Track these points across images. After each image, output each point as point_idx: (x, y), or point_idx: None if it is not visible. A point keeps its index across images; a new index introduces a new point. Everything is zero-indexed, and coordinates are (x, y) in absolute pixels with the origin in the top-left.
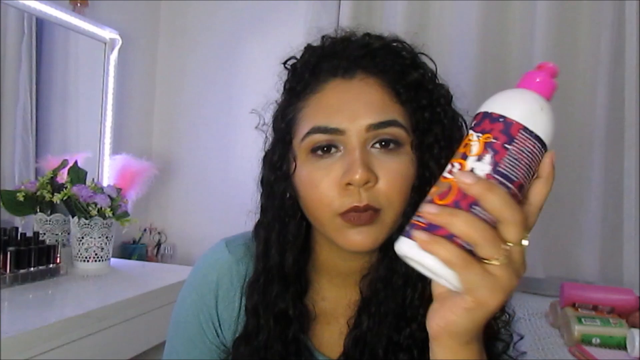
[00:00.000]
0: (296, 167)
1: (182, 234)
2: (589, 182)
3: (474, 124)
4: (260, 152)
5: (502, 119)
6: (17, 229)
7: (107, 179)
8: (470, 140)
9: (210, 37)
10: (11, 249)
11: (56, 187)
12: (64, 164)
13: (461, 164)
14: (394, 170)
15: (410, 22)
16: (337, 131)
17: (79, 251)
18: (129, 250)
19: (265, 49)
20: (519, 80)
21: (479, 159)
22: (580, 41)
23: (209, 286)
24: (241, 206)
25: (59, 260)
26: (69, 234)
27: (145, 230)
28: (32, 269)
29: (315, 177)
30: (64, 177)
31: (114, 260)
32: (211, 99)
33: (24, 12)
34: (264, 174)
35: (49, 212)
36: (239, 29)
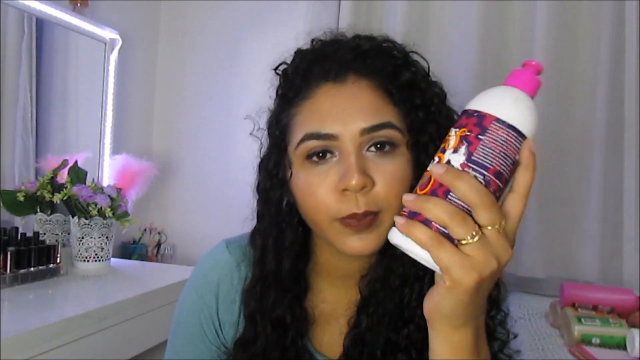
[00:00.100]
0: (292, 174)
1: (182, 234)
2: (589, 182)
3: (455, 122)
4: (263, 148)
5: (476, 113)
6: (17, 229)
7: (107, 179)
8: (449, 136)
9: (210, 37)
10: (11, 249)
11: (56, 187)
12: (64, 164)
13: (440, 157)
14: (390, 172)
15: (410, 22)
16: (331, 137)
17: (79, 251)
18: (129, 250)
19: (265, 49)
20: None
21: (454, 151)
22: (580, 41)
23: (209, 287)
24: (241, 206)
25: (59, 260)
26: (69, 234)
27: (145, 230)
28: (32, 269)
29: (311, 183)
30: (64, 177)
31: (114, 260)
32: (211, 99)
33: (24, 12)
34: (259, 180)
35: (49, 212)
36: (239, 29)
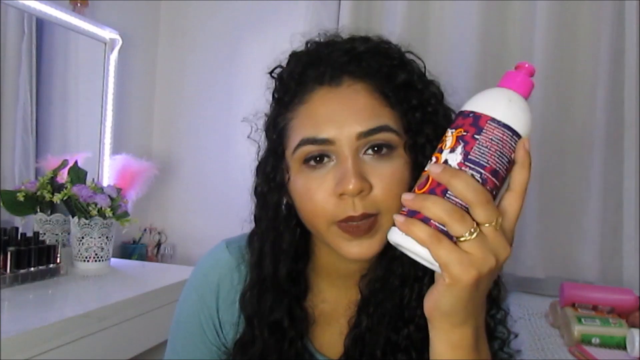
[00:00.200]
0: (290, 178)
1: (182, 234)
2: (588, 182)
3: (451, 123)
4: (260, 151)
5: (471, 114)
6: (17, 229)
7: (107, 179)
8: (446, 136)
9: (210, 37)
10: (11, 249)
11: (56, 187)
12: (64, 164)
13: (437, 157)
14: (388, 175)
15: (410, 22)
16: (327, 141)
17: (79, 251)
18: (129, 250)
19: (265, 49)
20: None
21: (451, 151)
22: (580, 41)
23: (209, 287)
24: (241, 206)
25: (59, 260)
26: (69, 234)
27: (145, 230)
28: (32, 269)
29: (309, 188)
30: (64, 177)
31: (114, 260)
32: (211, 99)
33: (24, 12)
34: (257, 184)
35: (49, 212)
36: (239, 29)
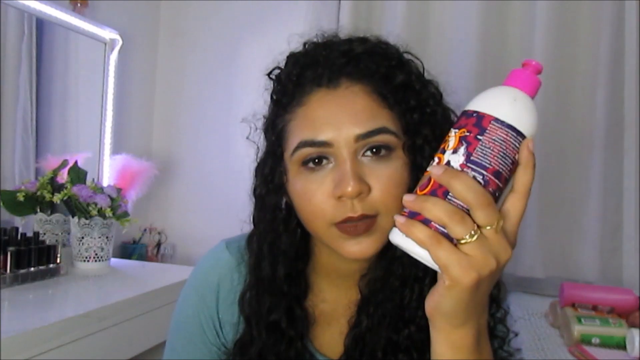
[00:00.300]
0: (289, 180)
1: (182, 234)
2: (588, 182)
3: (455, 122)
4: (259, 152)
5: (475, 114)
6: (17, 229)
7: (107, 179)
8: (448, 136)
9: (210, 37)
10: (11, 249)
11: (56, 187)
12: (64, 164)
13: (439, 158)
14: (386, 177)
15: (410, 22)
16: (326, 144)
17: (79, 251)
18: (129, 250)
19: (265, 49)
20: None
21: (454, 152)
22: (580, 41)
23: (210, 287)
24: (241, 206)
25: (59, 260)
26: (69, 234)
27: (145, 230)
28: (32, 269)
29: (308, 190)
30: (64, 177)
31: (114, 260)
32: (211, 99)
33: (24, 12)
34: (255, 185)
35: (49, 212)
36: (239, 29)
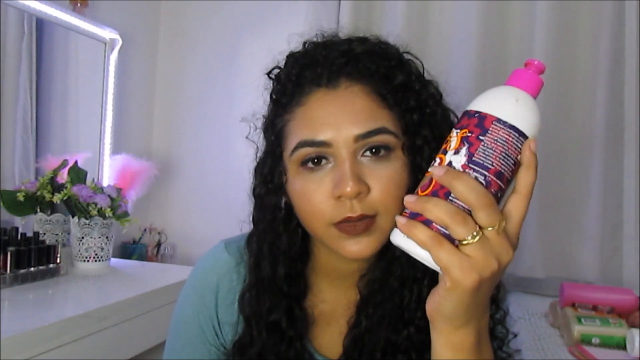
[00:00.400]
0: (288, 179)
1: (182, 234)
2: (588, 182)
3: (456, 122)
4: (259, 152)
5: (477, 114)
6: (17, 229)
7: (107, 179)
8: (450, 136)
9: (210, 37)
10: (11, 249)
11: (56, 187)
12: (64, 164)
13: (441, 159)
14: (385, 177)
15: (410, 22)
16: (325, 144)
17: (79, 251)
18: (129, 250)
19: (265, 49)
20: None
21: (456, 153)
22: (580, 41)
23: (209, 287)
24: (241, 206)
25: (59, 260)
26: (69, 234)
27: (145, 230)
28: (32, 269)
29: (307, 190)
30: (64, 177)
31: (114, 260)
32: (211, 99)
33: (24, 12)
34: (255, 185)
35: (49, 212)
36: (239, 29)
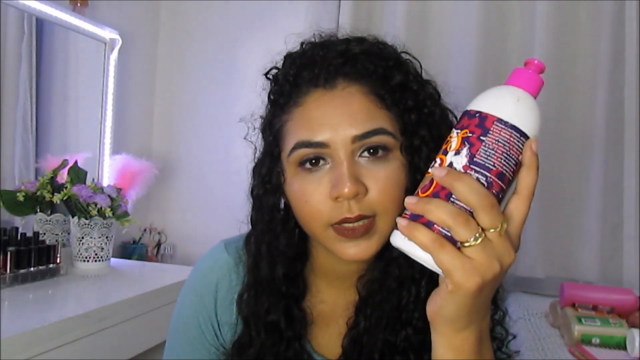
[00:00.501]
0: (286, 180)
1: (182, 234)
2: (588, 182)
3: (457, 122)
4: (257, 153)
5: (478, 114)
6: (17, 229)
7: (107, 179)
8: (451, 137)
9: (210, 37)
10: (11, 249)
11: (56, 187)
12: (64, 164)
13: (441, 159)
14: (383, 178)
15: (410, 22)
16: (322, 145)
17: (79, 251)
18: (129, 250)
19: (265, 49)
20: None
21: (456, 153)
22: (580, 41)
23: (208, 288)
24: (241, 206)
25: (59, 260)
26: (69, 234)
27: (145, 230)
28: (32, 269)
29: (305, 191)
30: (64, 177)
31: (114, 260)
32: (211, 99)
33: (24, 12)
34: (253, 186)
35: (49, 212)
36: (239, 29)
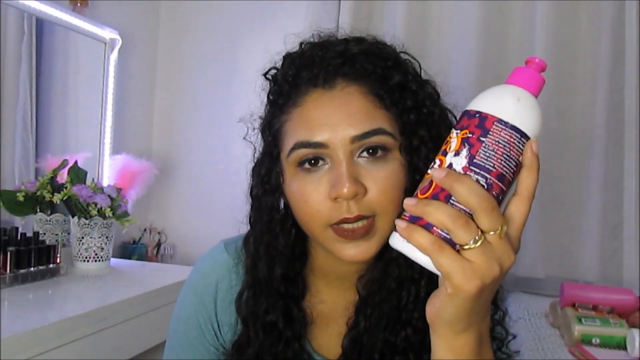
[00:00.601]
0: (285, 180)
1: (182, 234)
2: (588, 182)
3: (456, 123)
4: (257, 153)
5: (477, 115)
6: (17, 229)
7: (107, 179)
8: (450, 137)
9: (210, 37)
10: (11, 249)
11: (56, 187)
12: (64, 164)
13: (441, 160)
14: (382, 178)
15: (410, 22)
16: (321, 145)
17: (79, 251)
18: (129, 250)
19: (265, 49)
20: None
21: (456, 154)
22: (580, 41)
23: (208, 288)
24: (241, 206)
25: (59, 260)
26: (69, 234)
27: (145, 230)
28: (32, 269)
29: (304, 191)
30: (64, 177)
31: (114, 260)
32: (211, 99)
33: (24, 12)
34: (252, 186)
35: (49, 212)
36: (239, 29)
